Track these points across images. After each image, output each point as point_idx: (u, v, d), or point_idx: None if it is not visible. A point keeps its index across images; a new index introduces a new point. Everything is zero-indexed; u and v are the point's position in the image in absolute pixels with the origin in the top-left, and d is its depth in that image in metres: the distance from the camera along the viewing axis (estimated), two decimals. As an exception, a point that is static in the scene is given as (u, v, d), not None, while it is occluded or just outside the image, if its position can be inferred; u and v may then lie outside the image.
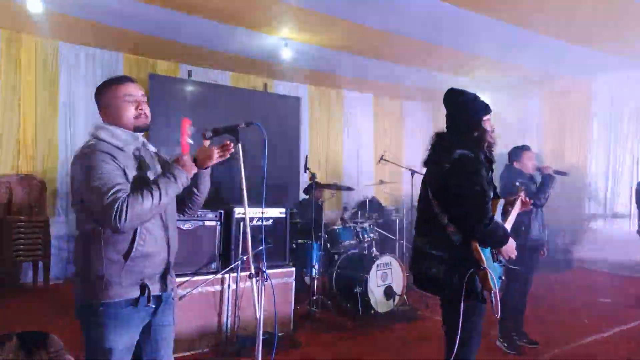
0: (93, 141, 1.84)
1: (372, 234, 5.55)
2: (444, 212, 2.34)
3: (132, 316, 1.83)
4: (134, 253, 1.80)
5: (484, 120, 2.45)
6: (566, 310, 5.29)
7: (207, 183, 2.09)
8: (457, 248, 2.28)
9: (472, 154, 2.33)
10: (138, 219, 1.73)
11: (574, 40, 6.14)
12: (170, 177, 1.82)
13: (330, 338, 4.33)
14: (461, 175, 2.28)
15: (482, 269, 2.23)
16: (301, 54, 6.64)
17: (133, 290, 1.82)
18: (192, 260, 3.80)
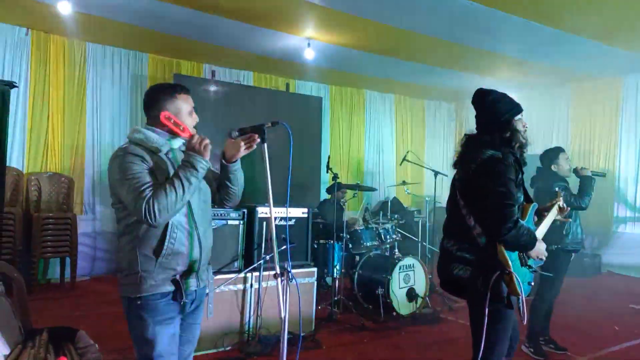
0: (126, 144, 1.95)
1: (395, 235, 5.51)
2: (471, 214, 2.30)
3: (169, 308, 1.92)
4: (165, 250, 1.89)
5: (515, 120, 2.39)
6: (596, 316, 5.16)
7: (239, 175, 2.15)
8: (483, 250, 2.24)
9: (500, 155, 2.28)
10: (168, 212, 1.82)
11: (603, 40, 5.98)
12: (187, 165, 1.88)
13: (352, 339, 4.31)
14: (487, 176, 2.25)
15: (508, 273, 2.18)
16: (323, 54, 6.64)
17: (167, 285, 1.91)
18: (215, 258, 3.79)
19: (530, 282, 2.34)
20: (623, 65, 7.08)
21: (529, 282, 2.33)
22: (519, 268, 2.26)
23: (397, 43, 6.40)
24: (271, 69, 7.79)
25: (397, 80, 8.52)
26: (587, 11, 5.11)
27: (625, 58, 6.65)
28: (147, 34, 6.13)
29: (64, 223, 5.86)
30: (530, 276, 2.35)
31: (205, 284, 2.09)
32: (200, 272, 2.02)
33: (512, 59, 6.95)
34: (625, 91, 7.78)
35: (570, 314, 4.98)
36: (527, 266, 2.32)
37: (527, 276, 2.32)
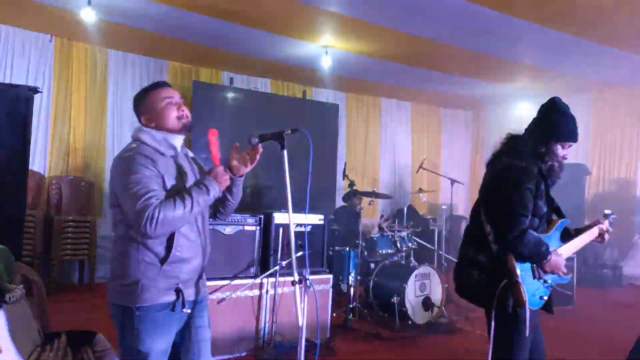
0: (135, 144, 1.87)
1: (410, 243, 5.46)
2: (487, 221, 2.28)
3: (167, 320, 1.84)
4: (171, 258, 1.81)
5: (558, 144, 2.32)
6: (614, 330, 5.02)
7: (240, 190, 2.09)
8: (495, 258, 2.22)
9: (524, 164, 2.24)
10: (168, 226, 1.74)
11: (623, 48, 5.88)
12: (203, 188, 1.83)
13: (366, 347, 4.26)
14: (505, 183, 2.23)
15: (515, 282, 2.14)
16: (340, 62, 6.65)
17: (168, 294, 1.83)
18: (231, 264, 3.83)
19: (543, 296, 2.28)
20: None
21: (541, 297, 2.28)
22: (529, 279, 2.22)
23: (414, 51, 6.37)
24: (288, 76, 7.82)
25: (414, 88, 8.48)
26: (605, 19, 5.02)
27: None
28: (167, 41, 6.21)
29: (84, 226, 5.93)
30: (544, 291, 2.29)
31: (204, 289, 2.03)
32: (199, 281, 1.97)
33: (531, 67, 6.87)
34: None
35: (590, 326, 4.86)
36: (543, 280, 2.27)
37: (539, 290, 2.26)
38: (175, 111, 1.93)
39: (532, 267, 2.24)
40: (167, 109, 1.92)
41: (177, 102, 1.95)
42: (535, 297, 2.24)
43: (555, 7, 4.78)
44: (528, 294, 2.15)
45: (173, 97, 1.96)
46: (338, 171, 7.68)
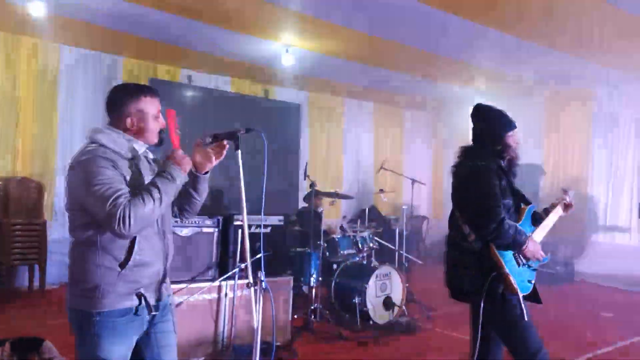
0: (92, 146, 1.81)
1: (372, 243, 5.52)
2: (465, 222, 2.45)
3: (127, 326, 1.81)
4: (132, 262, 1.78)
5: (507, 136, 2.56)
6: (568, 324, 5.25)
7: (206, 187, 2.07)
8: (479, 256, 2.39)
9: (483, 163, 2.44)
10: (142, 222, 1.72)
11: (575, 53, 6.16)
12: (167, 176, 1.80)
13: (328, 348, 4.28)
14: (473, 182, 2.42)
15: (503, 274, 2.32)
16: (302, 61, 6.65)
17: (129, 299, 1.80)
18: (188, 267, 3.77)
19: (531, 280, 2.47)
20: (594, 76, 7.29)
21: (529, 281, 2.46)
22: (515, 268, 2.39)
23: (375, 51, 6.45)
24: (249, 74, 7.76)
25: (376, 89, 8.59)
26: (561, 25, 5.25)
27: (596, 70, 6.86)
28: (122, 37, 6.04)
29: (33, 229, 5.69)
30: (531, 275, 2.48)
31: (168, 294, 2.00)
32: (164, 283, 1.94)
33: (488, 70, 7.09)
34: (596, 102, 8.01)
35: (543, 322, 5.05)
36: (527, 265, 2.45)
37: (525, 274, 2.44)
38: (157, 124, 1.93)
39: (514, 256, 2.41)
40: (155, 123, 1.91)
41: (160, 116, 1.94)
42: (524, 282, 2.42)
43: (508, 12, 4.95)
44: (517, 281, 2.33)
45: (159, 108, 1.94)
46: (301, 171, 7.69)
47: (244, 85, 8.05)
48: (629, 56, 6.24)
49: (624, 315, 5.66)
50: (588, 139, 8.12)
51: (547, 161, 8.59)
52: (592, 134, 8.08)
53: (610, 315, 5.66)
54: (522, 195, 2.61)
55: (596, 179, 8.02)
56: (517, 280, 2.34)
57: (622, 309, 5.93)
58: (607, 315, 5.68)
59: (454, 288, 2.55)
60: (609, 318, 5.58)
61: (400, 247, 6.09)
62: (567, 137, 8.38)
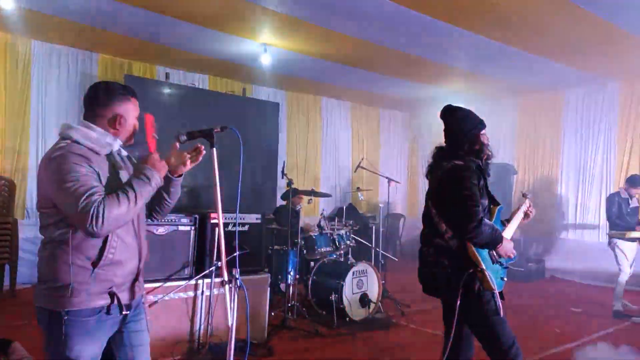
0: (65, 143, 1.77)
1: (349, 241, 5.55)
2: (442, 220, 2.48)
3: (99, 325, 1.78)
4: (104, 260, 1.75)
5: (480, 135, 2.60)
6: (538, 319, 5.38)
7: (178, 190, 2.06)
8: (455, 253, 2.43)
9: (463, 163, 2.48)
10: (115, 223, 1.69)
11: (547, 55, 6.30)
12: (144, 178, 1.79)
13: (305, 345, 4.29)
14: (453, 183, 2.45)
15: (480, 270, 2.37)
16: (280, 60, 6.65)
17: (101, 298, 1.77)
18: (164, 265, 3.72)
19: (503, 277, 2.53)
20: (565, 79, 7.47)
21: (502, 278, 2.52)
22: (490, 265, 2.44)
23: (353, 52, 6.49)
24: (227, 73, 7.71)
25: (353, 88, 8.63)
26: (534, 29, 5.37)
27: (567, 73, 7.03)
28: (97, 33, 5.93)
29: (4, 228, 5.54)
30: (503, 272, 2.54)
31: (141, 294, 1.98)
32: (137, 283, 1.92)
33: (463, 71, 7.20)
34: (566, 104, 8.22)
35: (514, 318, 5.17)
36: (499, 263, 2.51)
37: (499, 272, 2.50)
38: (136, 127, 1.94)
39: (489, 254, 2.46)
40: (132, 126, 1.92)
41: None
42: (498, 279, 2.48)
43: (484, 15, 5.04)
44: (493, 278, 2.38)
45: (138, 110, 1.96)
46: (278, 170, 7.67)
47: (222, 84, 7.99)
48: (600, 60, 6.43)
49: (592, 310, 5.83)
50: (558, 140, 8.33)
51: (519, 161, 8.77)
52: (562, 136, 8.28)
53: (579, 310, 5.82)
54: (492, 196, 2.66)
55: (566, 179, 8.24)
56: (492, 277, 2.40)
57: (591, 304, 6.11)
58: (576, 310, 5.85)
59: (428, 284, 2.59)
60: (578, 313, 5.74)
61: (376, 245, 6.14)
62: (539, 138, 8.58)
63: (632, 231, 5.47)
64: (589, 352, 4.31)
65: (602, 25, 5.14)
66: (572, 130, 8.15)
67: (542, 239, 8.24)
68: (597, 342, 4.60)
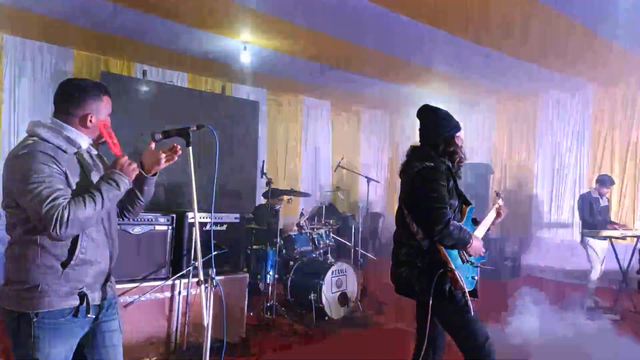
0: (31, 140, 1.73)
1: (328, 240, 5.57)
2: (413, 221, 2.51)
3: (69, 327, 1.74)
4: (74, 260, 1.72)
5: (455, 137, 2.64)
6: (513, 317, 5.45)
7: (151, 190, 2.03)
8: (426, 253, 2.46)
9: (432, 165, 2.51)
10: (79, 227, 1.66)
11: (524, 58, 6.41)
12: (112, 183, 1.76)
13: (283, 344, 4.29)
14: (421, 184, 2.48)
15: (450, 270, 2.40)
16: (260, 59, 6.61)
17: (71, 299, 1.74)
18: (141, 265, 3.67)
19: (474, 276, 2.56)
20: (541, 82, 7.62)
21: (473, 277, 2.55)
22: (461, 265, 2.47)
23: (333, 51, 6.49)
24: (207, 71, 7.64)
25: (334, 88, 8.64)
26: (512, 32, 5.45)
27: (543, 75, 7.16)
28: (71, 28, 5.79)
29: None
30: (473, 271, 2.57)
31: (113, 293, 1.95)
32: (106, 284, 1.89)
33: (443, 73, 7.26)
34: (542, 106, 8.39)
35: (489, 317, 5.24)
36: (469, 262, 2.53)
37: (469, 271, 2.53)
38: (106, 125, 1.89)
39: (459, 254, 2.49)
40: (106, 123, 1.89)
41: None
42: (468, 278, 2.51)
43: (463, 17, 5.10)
44: (463, 277, 2.42)
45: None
46: (258, 169, 7.64)
47: (201, 82, 7.91)
48: (576, 64, 6.56)
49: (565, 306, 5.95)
50: (534, 141, 8.50)
51: (495, 161, 8.92)
52: (537, 137, 8.45)
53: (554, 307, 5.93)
54: (464, 196, 2.69)
55: (541, 179, 8.40)
56: (463, 276, 2.43)
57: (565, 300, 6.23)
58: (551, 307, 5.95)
59: (400, 284, 2.61)
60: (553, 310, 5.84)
61: (356, 244, 6.17)
62: (515, 139, 8.74)
63: (603, 230, 5.62)
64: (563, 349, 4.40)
65: (580, 30, 5.26)
66: (547, 131, 8.32)
67: (517, 238, 8.39)
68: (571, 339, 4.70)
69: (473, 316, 2.44)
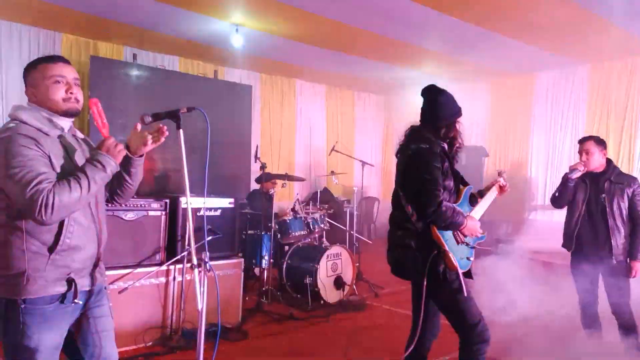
0: (13, 124, 1.70)
1: (323, 224, 5.57)
2: (408, 202, 2.50)
3: (57, 313, 1.73)
4: (61, 246, 1.71)
5: (457, 122, 2.64)
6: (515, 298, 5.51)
7: (140, 171, 2.00)
8: (420, 234, 2.46)
9: (427, 146, 2.49)
10: (65, 211, 1.64)
11: (520, 38, 6.36)
12: (98, 165, 1.73)
13: (279, 329, 4.32)
14: (415, 165, 2.48)
15: (443, 252, 2.41)
16: (253, 41, 6.52)
17: (58, 285, 1.72)
18: (135, 251, 3.66)
19: (469, 257, 2.57)
20: (536, 62, 7.58)
21: (468, 258, 2.56)
22: (454, 246, 2.48)
23: (327, 33, 6.41)
24: (198, 54, 7.54)
25: (328, 71, 8.57)
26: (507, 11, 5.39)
27: (538, 55, 7.12)
28: (60, 11, 5.68)
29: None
30: (469, 252, 2.58)
31: (103, 279, 1.94)
32: (97, 269, 1.88)
33: (438, 54, 7.21)
34: (537, 87, 8.36)
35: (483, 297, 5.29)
36: (465, 243, 2.54)
37: (464, 252, 2.54)
38: (62, 92, 1.78)
39: (453, 234, 2.49)
40: (53, 88, 1.77)
41: (67, 82, 1.80)
42: (463, 259, 2.52)
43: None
44: (457, 258, 2.43)
45: (64, 76, 1.80)
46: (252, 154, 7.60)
47: (193, 66, 7.82)
48: (571, 43, 6.51)
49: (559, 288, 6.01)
50: (529, 123, 8.48)
51: (490, 143, 8.91)
52: (532, 119, 8.43)
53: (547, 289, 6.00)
54: (461, 176, 2.70)
55: (535, 161, 8.42)
56: (457, 257, 2.44)
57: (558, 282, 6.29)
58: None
59: (396, 266, 2.62)
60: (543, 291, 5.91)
61: (351, 228, 6.18)
62: (510, 121, 8.72)
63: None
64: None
65: (576, 8, 5.21)
66: (542, 113, 8.31)
67: (511, 220, 8.43)
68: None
69: (466, 296, 2.46)
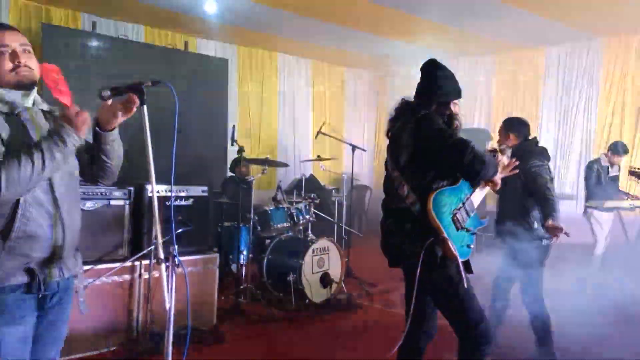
0: None
1: (308, 215, 5.57)
2: (405, 183, 2.49)
3: (19, 305, 1.76)
4: (15, 233, 1.72)
5: (452, 103, 2.63)
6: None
7: (116, 147, 2.00)
8: (417, 219, 2.44)
9: (428, 112, 2.52)
10: (19, 187, 1.65)
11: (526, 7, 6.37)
12: (56, 138, 1.73)
13: (259, 331, 4.34)
14: (426, 127, 2.46)
15: (442, 239, 2.38)
16: (229, 10, 6.45)
17: (17, 275, 1.74)
18: (95, 245, 3.62)
19: (470, 245, 2.57)
20: (546, 35, 7.61)
21: (469, 245, 2.56)
22: (454, 232, 2.47)
23: (314, 2, 6.35)
24: (167, 24, 7.44)
25: (315, 44, 8.51)
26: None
27: (547, 27, 7.15)
28: (6, -28, 5.56)
29: None
30: (470, 239, 2.58)
31: (71, 275, 1.94)
32: (64, 259, 1.88)
33: (437, 24, 7.20)
34: (547, 62, 8.40)
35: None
36: (465, 229, 2.54)
37: (464, 239, 2.54)
38: (7, 62, 1.77)
39: (453, 220, 2.48)
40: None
41: (14, 51, 1.79)
42: (463, 247, 2.51)
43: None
44: (456, 245, 2.41)
45: (7, 44, 1.78)
46: (228, 136, 7.55)
47: (160, 36, 7.72)
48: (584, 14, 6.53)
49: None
50: (537, 103, 8.54)
51: (494, 126, 8.96)
52: (541, 98, 8.49)
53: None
54: None
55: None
56: (457, 244, 2.41)
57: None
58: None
59: (391, 254, 2.62)
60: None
61: (340, 220, 6.20)
62: (516, 101, 8.77)
63: (608, 200, 5.69)
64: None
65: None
66: (552, 89, 8.36)
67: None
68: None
69: (467, 291, 2.44)
